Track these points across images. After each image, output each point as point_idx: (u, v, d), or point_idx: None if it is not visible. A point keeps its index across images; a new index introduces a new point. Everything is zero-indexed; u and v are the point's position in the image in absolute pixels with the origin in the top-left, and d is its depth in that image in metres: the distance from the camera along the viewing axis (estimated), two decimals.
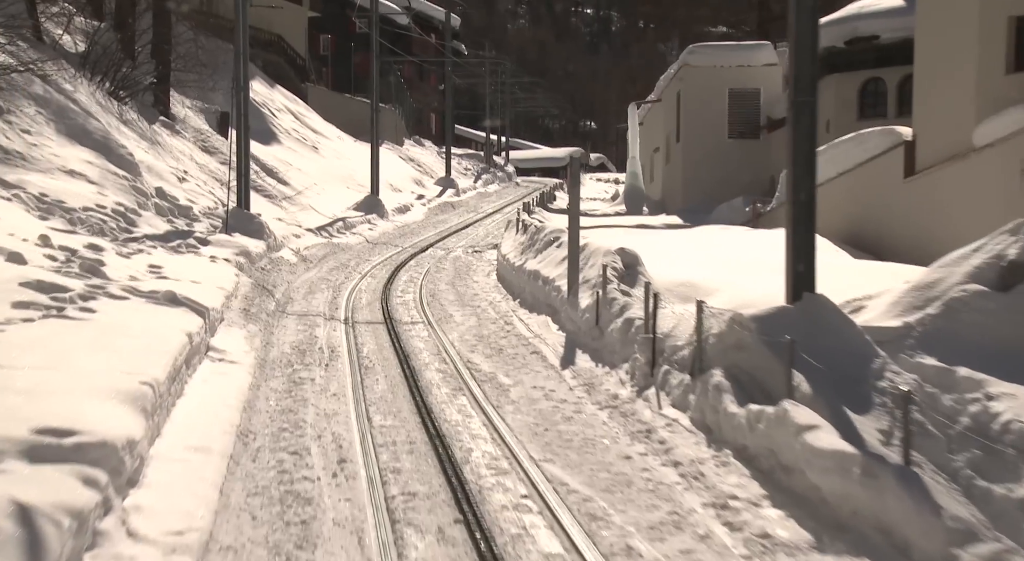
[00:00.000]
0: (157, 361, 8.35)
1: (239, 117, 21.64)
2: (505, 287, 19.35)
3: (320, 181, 35.54)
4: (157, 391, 7.60)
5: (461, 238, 31.89)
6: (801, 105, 9.01)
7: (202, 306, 11.62)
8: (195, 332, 10.48)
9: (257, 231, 21.03)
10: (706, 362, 9.25)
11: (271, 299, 16.58)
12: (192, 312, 11.18)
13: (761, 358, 8.40)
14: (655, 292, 10.94)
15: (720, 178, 32.73)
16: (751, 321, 8.67)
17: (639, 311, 11.95)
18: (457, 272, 22.79)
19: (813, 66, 9.10)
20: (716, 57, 32.76)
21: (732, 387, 8.46)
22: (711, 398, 8.60)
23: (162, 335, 9.43)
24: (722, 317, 9.25)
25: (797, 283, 8.91)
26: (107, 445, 5.84)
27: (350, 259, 24.67)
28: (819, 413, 7.29)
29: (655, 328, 10.67)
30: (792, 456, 7.08)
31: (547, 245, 17.28)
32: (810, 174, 9.05)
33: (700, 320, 9.49)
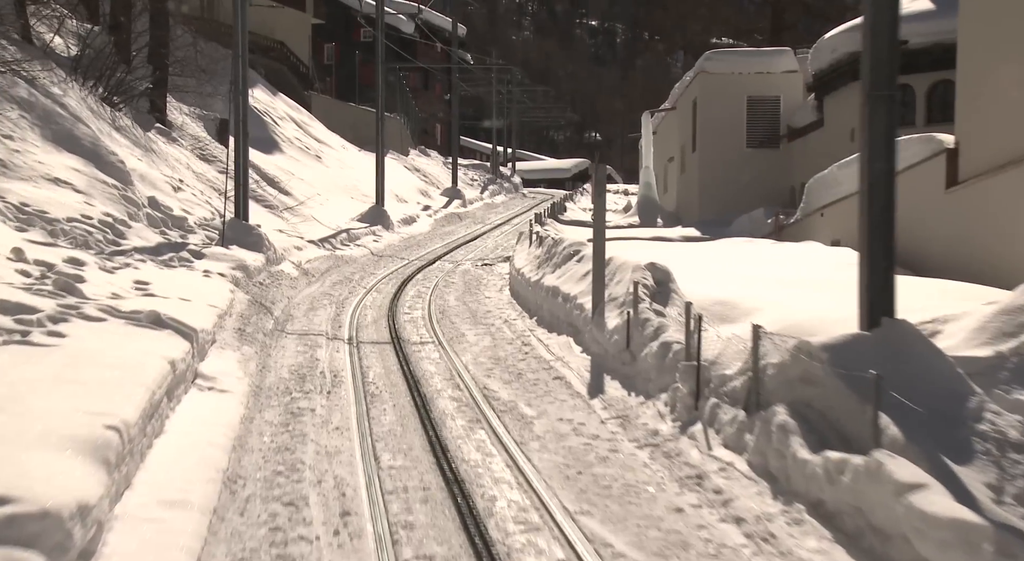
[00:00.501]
0: (130, 396, 7.14)
1: (237, 123, 20.48)
2: (520, 303, 18.14)
3: (323, 191, 34.38)
4: (126, 435, 6.39)
5: (470, 250, 30.70)
6: (877, 100, 7.80)
7: (190, 328, 10.41)
8: (180, 358, 9.27)
9: (256, 243, 19.85)
10: (764, 396, 8.03)
11: (269, 317, 15.37)
12: (178, 335, 9.97)
13: (836, 395, 7.18)
14: (698, 314, 9.72)
15: (738, 189, 31.53)
16: (822, 350, 7.45)
17: (676, 334, 10.74)
18: (467, 286, 21.59)
19: (892, 53, 7.90)
20: (734, 63, 31.59)
21: (800, 428, 7.24)
22: (775, 440, 7.38)
23: (140, 364, 8.22)
24: (784, 345, 8.03)
25: (874, 306, 7.69)
26: (49, 516, 4.63)
27: (354, 272, 23.48)
28: (917, 464, 6.06)
29: (699, 354, 9.44)
30: (890, 519, 5.85)
31: (566, 259, 16.08)
32: (888, 178, 7.84)
33: (756, 347, 8.27)
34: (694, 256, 19.68)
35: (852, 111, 27.55)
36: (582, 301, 14.06)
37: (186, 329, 10.23)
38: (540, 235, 19.31)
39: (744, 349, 9.31)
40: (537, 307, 16.40)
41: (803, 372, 7.59)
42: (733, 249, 21.55)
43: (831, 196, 22.41)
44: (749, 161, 31.52)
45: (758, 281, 14.48)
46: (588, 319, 13.37)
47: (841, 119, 28.06)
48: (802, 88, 31.47)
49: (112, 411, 6.58)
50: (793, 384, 7.68)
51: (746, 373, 8.64)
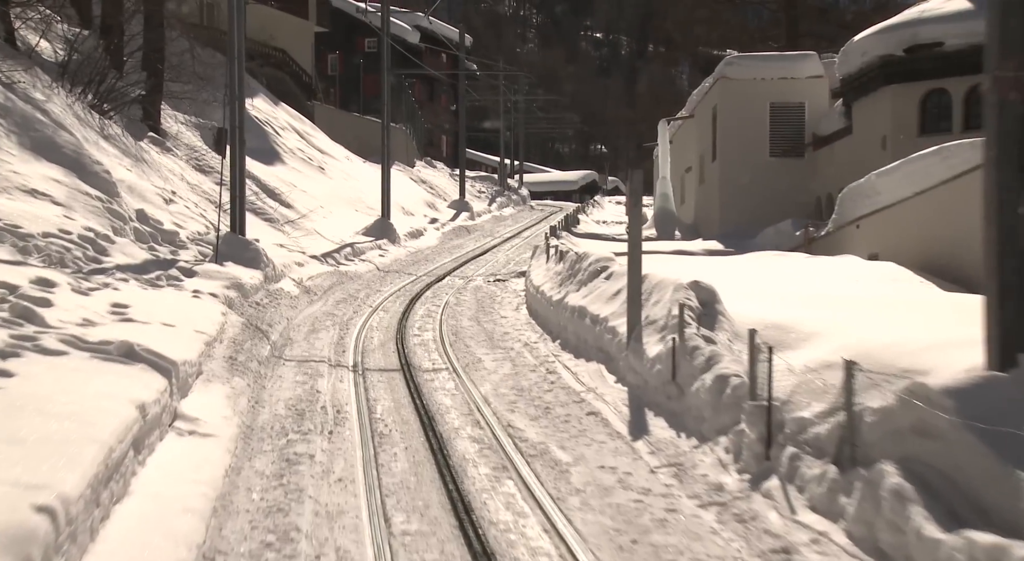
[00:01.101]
0: (78, 458, 5.68)
1: (234, 130, 19.06)
2: (540, 324, 16.66)
3: (326, 204, 32.96)
4: (64, 517, 4.92)
5: (480, 265, 29.24)
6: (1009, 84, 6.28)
7: (168, 361, 8.94)
8: (153, 400, 7.81)
9: (253, 259, 18.40)
10: (863, 449, 6.55)
11: (265, 342, 13.89)
12: (153, 370, 8.50)
13: (967, 453, 5.70)
14: (768, 345, 8.24)
15: (761, 200, 30.05)
16: (943, 395, 5.97)
17: (733, 364, 9.25)
18: (480, 305, 20.13)
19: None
20: (756, 69, 30.17)
21: (920, 495, 5.75)
22: (888, 510, 5.89)
23: (99, 411, 6.76)
24: (889, 386, 6.55)
25: (1007, 340, 6.20)
26: None
27: (359, 290, 22.03)
28: None
29: (771, 392, 7.96)
30: None
31: (593, 276, 14.60)
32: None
33: (850, 388, 6.79)
34: (724, 272, 18.18)
35: (884, 117, 26.11)
36: (614, 324, 12.58)
37: (164, 362, 8.77)
38: (561, 250, 17.83)
39: (823, 386, 7.85)
40: (560, 329, 14.92)
41: (917, 421, 6.11)
42: (765, 264, 20.07)
43: (868, 207, 20.95)
44: (772, 171, 30.07)
45: (806, 300, 12.98)
46: (623, 345, 11.89)
47: (871, 126, 26.63)
48: (828, 94, 30.04)
49: (49, 482, 5.11)
50: (903, 436, 6.20)
51: (831, 416, 7.17)
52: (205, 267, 16.28)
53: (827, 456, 6.99)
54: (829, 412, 7.27)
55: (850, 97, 27.78)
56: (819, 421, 7.34)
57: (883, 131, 26.06)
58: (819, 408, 7.48)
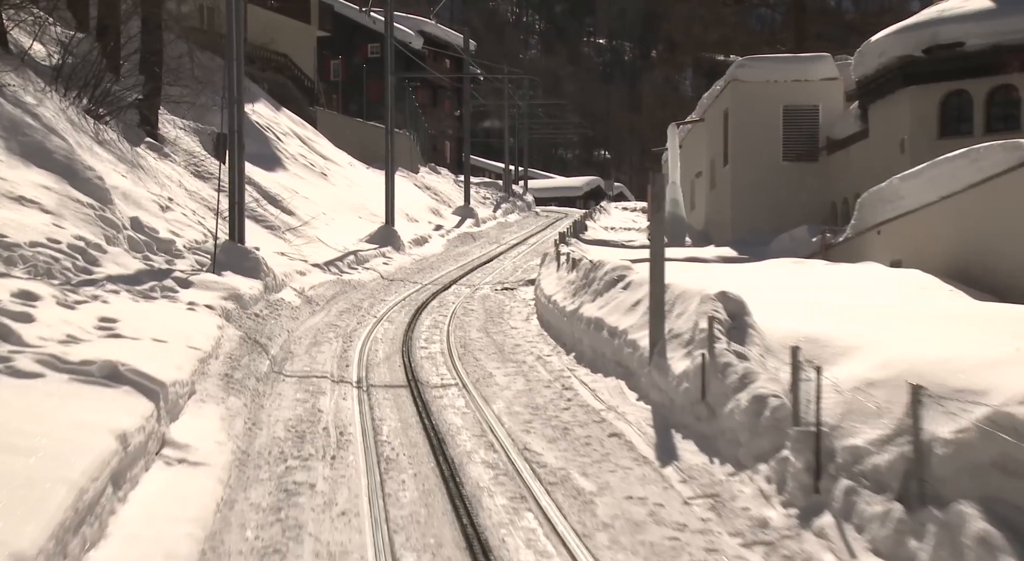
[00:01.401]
0: (40, 505, 4.94)
1: (232, 134, 18.35)
2: (552, 336, 15.92)
3: (329, 210, 32.26)
4: None
5: (487, 273, 28.51)
6: None
7: (156, 382, 8.20)
8: (137, 428, 7.07)
9: (252, 269, 17.67)
10: (933, 485, 5.80)
11: (264, 357, 13.15)
12: (138, 393, 7.77)
13: None
14: (814, 364, 7.49)
15: (773, 205, 29.30)
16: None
17: (770, 384, 8.51)
18: (489, 315, 19.39)
19: None
20: (769, 71, 29.42)
21: (1012, 544, 4.99)
22: (973, 560, 5.13)
23: (70, 443, 6.02)
24: (962, 417, 5.79)
25: None
26: None
27: (363, 299, 21.30)
28: None
29: (819, 417, 7.21)
30: None
31: (610, 286, 13.84)
32: None
33: (917, 415, 6.04)
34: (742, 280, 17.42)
35: (902, 119, 25.37)
36: (635, 337, 11.83)
37: (151, 384, 8.03)
38: (574, 258, 17.07)
39: (876, 409, 7.09)
40: (575, 341, 14.18)
41: (1002, 457, 5.36)
42: (783, 271, 19.33)
43: (890, 212, 20.19)
44: (785, 175, 29.31)
45: (836, 311, 12.24)
46: (645, 359, 11.14)
47: (889, 128, 25.88)
48: (842, 96, 29.30)
49: (9, 533, 4.36)
50: (985, 473, 5.45)
51: (891, 444, 6.43)
52: (202, 277, 15.55)
53: (889, 491, 6.23)
54: (888, 440, 6.52)
55: (866, 99, 27.04)
56: (877, 450, 6.59)
57: (901, 134, 25.30)
58: (875, 435, 6.73)
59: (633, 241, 33.42)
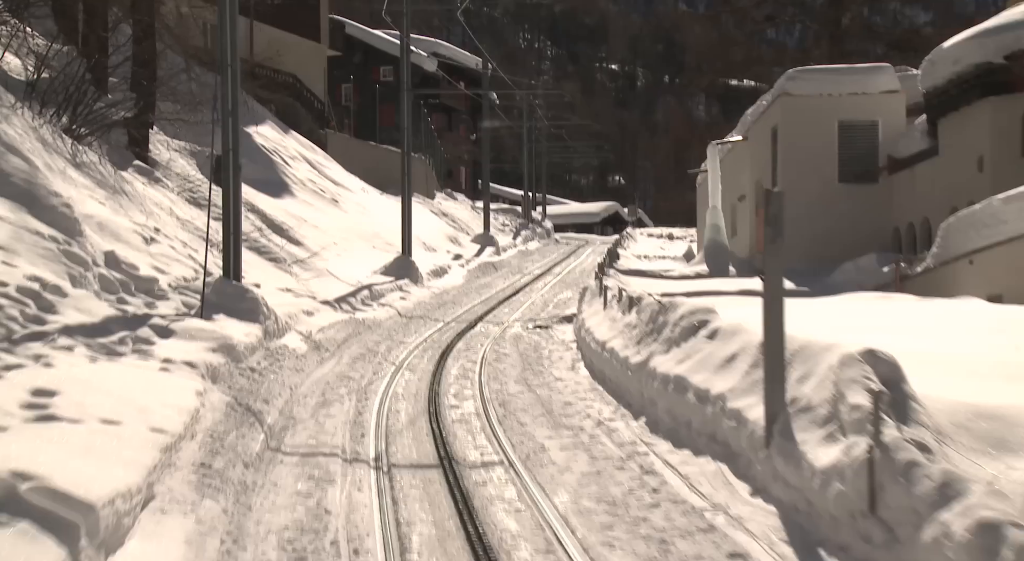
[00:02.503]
0: None
1: (226, 152, 15.75)
2: (610, 391, 13.16)
3: (340, 240, 29.66)
4: None
5: (515, 308, 25.81)
6: None
7: (78, 505, 5.49)
8: None
9: (250, 311, 15.00)
10: None
11: (258, 429, 10.41)
12: (44, 533, 5.05)
13: None
14: None
15: (829, 231, 26.57)
16: None
17: (993, 499, 5.74)
18: (526, 361, 16.67)
19: None
20: (822, 83, 26.79)
21: None
22: None
23: None
24: None
25: None
26: None
27: (379, 342, 18.63)
28: None
29: None
30: None
31: (688, 333, 11.09)
32: None
33: None
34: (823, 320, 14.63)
35: (980, 134, 22.65)
36: (737, 406, 9.07)
37: (68, 512, 5.32)
38: (630, 295, 14.31)
39: None
40: (645, 402, 11.42)
41: None
42: (870, 309, 16.50)
43: (986, 238, 17.47)
44: (841, 198, 26.60)
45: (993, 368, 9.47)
46: (758, 439, 8.38)
47: (964, 145, 23.16)
48: (904, 111, 26.63)
49: None
50: None
51: None
52: (187, 324, 12.86)
53: None
54: None
55: (936, 113, 24.36)
56: None
57: (979, 151, 22.58)
58: None
59: (671, 271, 30.70)
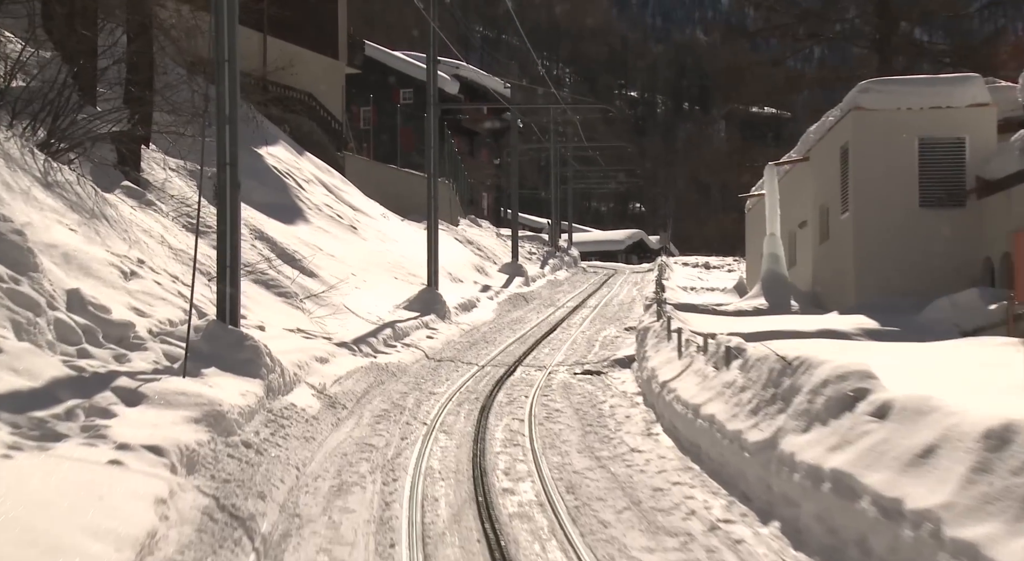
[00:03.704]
0: None
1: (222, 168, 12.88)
2: (709, 471, 10.14)
3: (360, 271, 26.84)
4: None
5: (555, 348, 22.84)
6: None
7: None
8: None
9: (249, 363, 12.08)
10: None
11: (244, 551, 7.43)
12: None
13: None
14: None
15: (909, 263, 23.51)
16: None
17: None
18: (584, 420, 13.70)
19: None
20: (900, 96, 23.86)
21: None
22: None
23: None
24: None
25: None
26: None
27: (406, 394, 15.72)
28: None
29: None
30: None
31: (837, 407, 8.06)
32: None
33: None
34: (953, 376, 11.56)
35: None
36: (969, 537, 6.03)
37: None
38: (731, 347, 11.31)
39: None
40: (775, 497, 8.40)
41: None
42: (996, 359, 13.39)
43: None
44: (923, 225, 23.55)
45: None
46: None
47: None
48: (995, 126, 23.65)
49: None
50: None
51: None
52: (164, 385, 9.95)
53: None
54: None
55: None
56: None
57: None
58: None
59: (724, 305, 27.69)
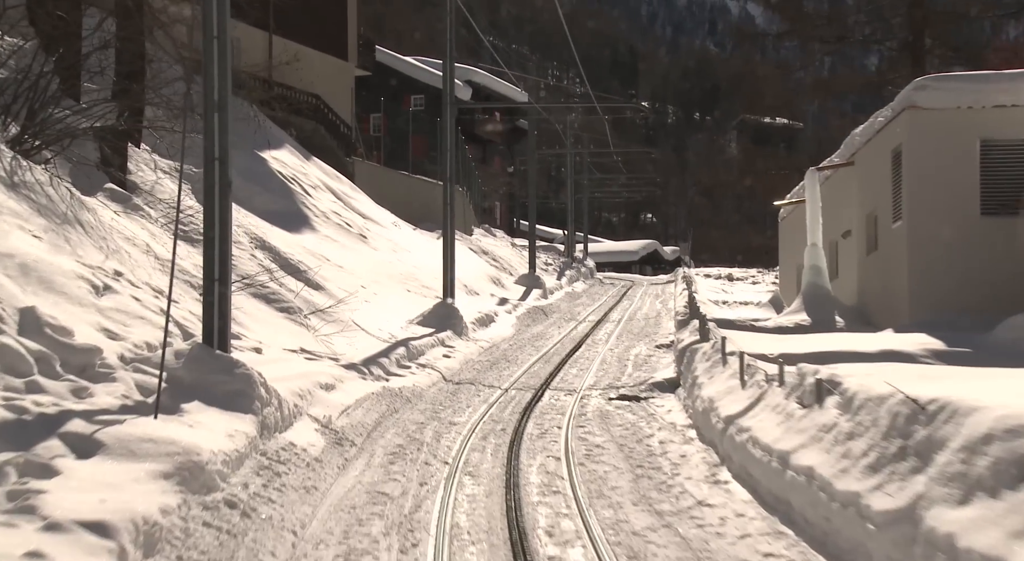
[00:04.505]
0: None
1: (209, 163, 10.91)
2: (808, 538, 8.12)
3: (370, 282, 24.91)
4: None
5: (584, 367, 20.82)
6: None
7: None
8: None
9: (240, 395, 10.10)
10: None
11: None
12: None
13: None
14: None
15: (970, 276, 21.43)
16: None
17: None
18: (631, 459, 11.72)
19: None
20: (960, 93, 21.84)
21: None
22: None
23: None
24: None
25: None
26: None
27: (423, 424, 13.74)
28: None
29: None
30: None
31: (1014, 474, 6.06)
32: None
33: None
34: None
35: None
36: None
37: None
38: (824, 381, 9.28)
39: None
40: None
41: None
42: None
43: None
44: (985, 234, 21.51)
45: None
46: None
47: None
48: None
49: None
50: None
51: None
52: (128, 429, 7.98)
53: None
54: None
55: None
56: None
57: None
58: None
59: (761, 321, 25.60)
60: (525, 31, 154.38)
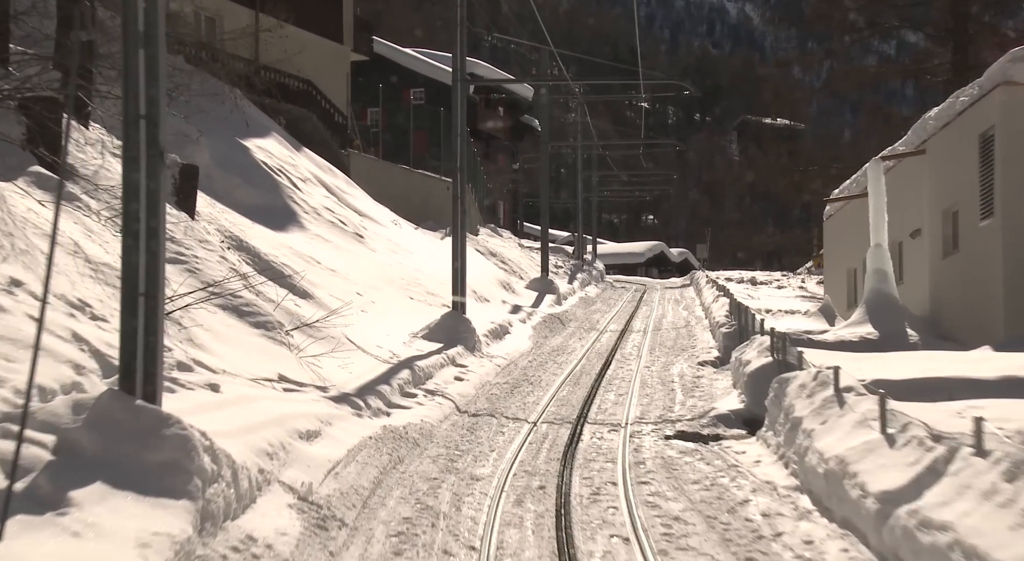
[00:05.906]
0: None
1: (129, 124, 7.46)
2: None
3: (367, 288, 21.51)
4: None
5: (622, 392, 17.37)
6: None
7: None
8: None
9: (169, 469, 6.64)
10: None
11: None
12: None
13: None
14: None
15: None
16: None
17: None
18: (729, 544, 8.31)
19: None
20: None
21: None
22: None
23: None
24: None
25: None
26: None
27: (436, 484, 10.31)
28: None
29: None
30: None
31: None
32: None
33: None
34: None
35: None
36: None
37: None
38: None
39: None
40: None
41: None
42: None
43: None
44: None
45: None
46: None
47: None
48: None
49: None
50: None
51: None
52: None
53: None
54: None
55: None
56: None
57: None
58: None
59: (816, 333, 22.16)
60: (527, 28, 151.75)
